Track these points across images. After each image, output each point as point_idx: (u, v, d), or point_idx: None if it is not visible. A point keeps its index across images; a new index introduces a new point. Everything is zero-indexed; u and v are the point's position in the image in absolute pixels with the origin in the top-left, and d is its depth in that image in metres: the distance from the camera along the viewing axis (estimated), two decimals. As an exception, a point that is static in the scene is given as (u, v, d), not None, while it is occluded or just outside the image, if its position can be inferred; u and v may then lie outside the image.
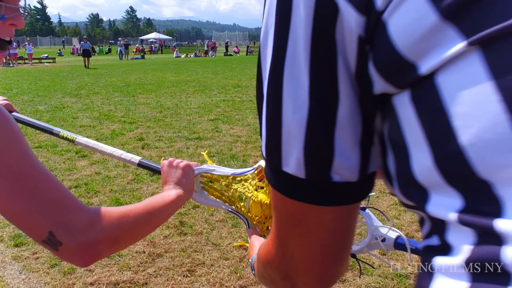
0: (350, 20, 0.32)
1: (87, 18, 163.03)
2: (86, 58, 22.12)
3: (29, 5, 0.87)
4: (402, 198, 0.36)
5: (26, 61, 27.81)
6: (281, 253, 0.46)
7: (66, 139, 1.24)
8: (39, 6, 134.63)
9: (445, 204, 0.30)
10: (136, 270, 2.36)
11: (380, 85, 0.33)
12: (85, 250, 0.64)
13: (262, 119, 0.40)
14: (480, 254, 0.28)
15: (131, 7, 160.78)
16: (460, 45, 0.27)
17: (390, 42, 0.31)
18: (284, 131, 0.37)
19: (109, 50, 47.18)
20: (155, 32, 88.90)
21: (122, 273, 2.33)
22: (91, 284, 2.24)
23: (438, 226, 0.32)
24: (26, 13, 0.83)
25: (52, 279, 2.30)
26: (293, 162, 0.38)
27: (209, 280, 2.28)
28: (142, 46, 50.73)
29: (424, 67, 0.29)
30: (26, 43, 28.34)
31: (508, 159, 0.26)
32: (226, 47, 46.47)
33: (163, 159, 1.07)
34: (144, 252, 2.55)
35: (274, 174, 0.41)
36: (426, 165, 0.31)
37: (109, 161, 4.40)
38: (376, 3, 0.30)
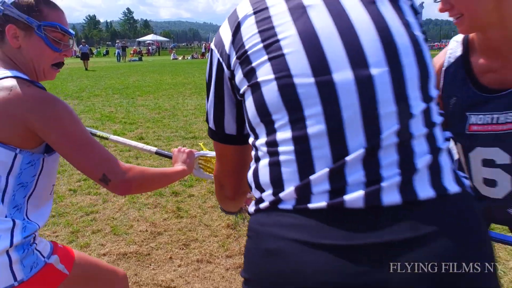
0: (226, 72, 0.81)
1: (84, 19, 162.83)
2: (85, 61, 22.57)
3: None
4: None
5: (25, 63, 28.10)
6: (218, 174, 0.96)
7: (102, 137, 1.73)
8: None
9: (252, 138, 0.79)
10: (141, 244, 2.84)
11: (237, 96, 0.82)
12: (123, 185, 1.15)
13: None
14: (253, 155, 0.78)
15: (128, 9, 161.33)
16: (246, 85, 0.76)
17: (235, 81, 0.79)
18: (208, 111, 0.88)
19: (107, 52, 47.52)
20: (152, 34, 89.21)
21: (129, 246, 2.81)
22: (104, 254, 2.72)
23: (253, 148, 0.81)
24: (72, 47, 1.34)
25: (71, 251, 2.77)
26: (211, 123, 0.88)
27: (201, 251, 2.76)
28: (140, 48, 51.13)
29: (241, 91, 0.78)
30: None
31: (256, 120, 0.75)
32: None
33: (173, 148, 1.59)
34: (147, 231, 3.03)
35: (208, 128, 0.91)
36: (247, 126, 0.80)
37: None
38: (231, 66, 0.79)
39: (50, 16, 1.22)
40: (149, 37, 74.25)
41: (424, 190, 0.64)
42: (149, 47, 53.78)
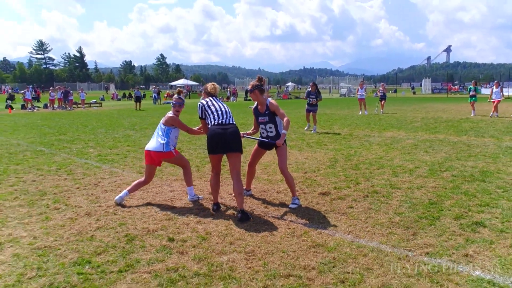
0: (202, 107, 5.43)
1: (120, 64, 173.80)
2: (138, 103, 28.20)
3: (73, 54, 5.95)
4: None
5: (79, 105, 33.59)
6: (203, 130, 5.50)
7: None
8: (78, 54, 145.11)
9: (207, 119, 5.29)
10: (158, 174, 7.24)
11: (204, 111, 5.40)
12: (192, 134, 6.08)
13: None
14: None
15: (161, 54, 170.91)
16: (205, 112, 5.40)
17: (203, 108, 5.39)
18: (199, 113, 5.50)
19: (144, 96, 53.46)
20: (183, 79, 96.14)
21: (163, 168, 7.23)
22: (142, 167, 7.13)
23: None
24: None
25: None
26: (199, 116, 5.78)
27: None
28: (172, 92, 57.08)
29: (205, 110, 5.41)
30: (80, 90, 34.40)
31: (206, 116, 5.34)
32: (246, 93, 51.92)
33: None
34: (161, 172, 7.45)
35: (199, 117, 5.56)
36: (206, 115, 5.31)
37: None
38: (204, 108, 5.40)
39: (177, 101, 5.90)
40: (181, 81, 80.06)
41: (232, 122, 5.23)
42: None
